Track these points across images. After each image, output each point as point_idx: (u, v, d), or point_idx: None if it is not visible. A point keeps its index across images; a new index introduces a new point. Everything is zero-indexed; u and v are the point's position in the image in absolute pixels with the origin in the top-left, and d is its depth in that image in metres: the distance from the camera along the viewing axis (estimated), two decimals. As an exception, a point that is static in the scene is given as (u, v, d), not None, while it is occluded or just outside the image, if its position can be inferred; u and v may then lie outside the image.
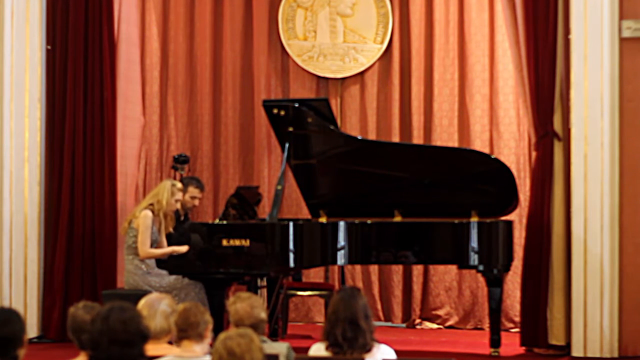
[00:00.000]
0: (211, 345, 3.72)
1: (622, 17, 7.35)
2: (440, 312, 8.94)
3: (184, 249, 7.04)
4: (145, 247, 7.25)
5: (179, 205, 7.55)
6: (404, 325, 8.97)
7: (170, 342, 4.46)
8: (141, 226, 7.25)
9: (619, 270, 7.32)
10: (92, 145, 8.09)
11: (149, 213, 7.28)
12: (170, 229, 7.38)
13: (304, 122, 7.45)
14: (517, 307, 8.01)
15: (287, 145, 7.42)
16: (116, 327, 3.25)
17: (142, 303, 4.33)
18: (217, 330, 4.13)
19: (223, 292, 7.03)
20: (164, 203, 7.30)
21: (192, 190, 7.88)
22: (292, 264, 6.98)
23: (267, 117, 7.64)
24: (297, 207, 8.97)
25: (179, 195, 7.45)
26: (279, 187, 7.21)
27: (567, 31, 7.42)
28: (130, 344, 3.25)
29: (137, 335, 3.28)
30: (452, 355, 7.27)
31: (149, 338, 3.34)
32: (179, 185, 7.51)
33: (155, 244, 7.36)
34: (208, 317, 4.08)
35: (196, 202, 7.99)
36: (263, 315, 4.24)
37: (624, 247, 7.33)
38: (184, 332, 4.01)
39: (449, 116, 8.99)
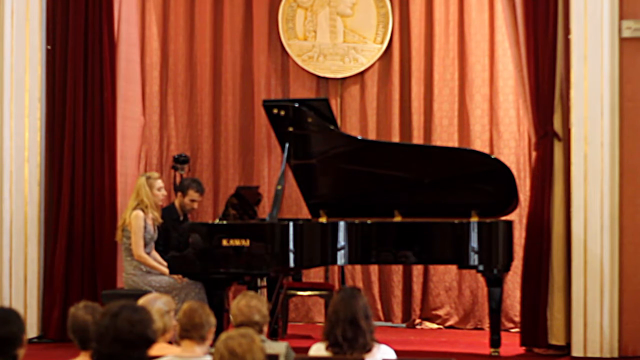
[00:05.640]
0: (212, 345, 3.72)
1: (622, 17, 7.36)
2: (440, 312, 8.94)
3: (166, 270, 7.15)
4: (139, 250, 7.27)
5: (164, 193, 7.57)
6: (404, 325, 8.97)
7: (170, 342, 4.46)
8: (133, 227, 7.27)
9: (619, 270, 7.32)
10: (92, 145, 8.09)
11: (140, 213, 7.30)
12: (159, 219, 7.42)
13: (304, 122, 7.45)
14: (517, 307, 8.01)
15: (287, 145, 7.42)
16: (123, 326, 3.25)
17: (139, 302, 4.33)
18: (217, 330, 4.12)
19: (223, 292, 7.04)
20: (145, 200, 7.33)
21: (192, 194, 7.88)
22: (292, 264, 6.98)
23: (267, 117, 7.64)
24: (297, 207, 8.97)
25: (159, 183, 7.47)
26: (279, 187, 7.21)
27: (567, 31, 7.42)
28: (133, 345, 3.25)
29: (142, 338, 3.28)
30: (452, 355, 7.27)
31: (153, 343, 3.33)
32: (155, 174, 7.57)
33: (152, 241, 7.38)
34: (213, 320, 4.07)
35: (195, 205, 7.99)
36: (257, 317, 4.23)
37: (624, 247, 7.33)
38: (187, 332, 3.99)
39: (449, 116, 8.99)
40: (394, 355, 4.29)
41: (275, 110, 7.44)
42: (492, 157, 7.68)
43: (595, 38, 7.33)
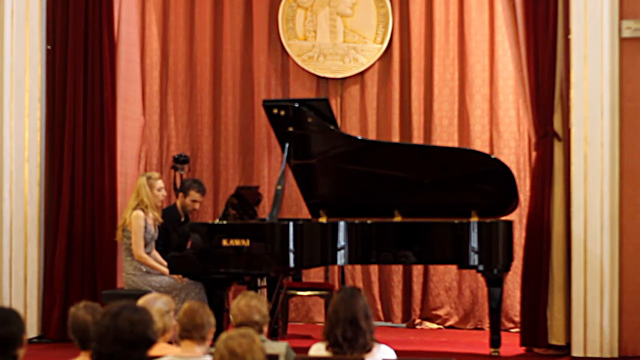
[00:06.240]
0: (212, 345, 3.72)
1: (622, 17, 7.36)
2: (440, 312, 8.94)
3: (167, 271, 7.15)
4: (139, 250, 7.27)
5: (164, 193, 7.57)
6: (404, 325, 8.97)
7: (170, 342, 4.46)
8: (134, 227, 7.27)
9: (619, 270, 7.32)
10: (92, 145, 8.09)
11: (140, 213, 7.30)
12: (160, 218, 7.42)
13: (304, 122, 7.45)
14: (517, 307, 8.01)
15: (287, 145, 7.42)
16: (124, 326, 3.25)
17: (139, 302, 4.32)
18: (217, 330, 4.12)
19: (223, 292, 7.04)
20: (146, 200, 7.33)
21: (194, 194, 7.87)
22: (292, 264, 6.98)
23: (267, 117, 7.64)
24: (297, 207, 8.97)
25: (160, 184, 7.48)
26: (279, 187, 7.21)
27: (567, 31, 7.42)
28: (133, 345, 3.25)
29: (143, 338, 3.28)
30: (452, 355, 7.27)
31: (154, 344, 3.34)
32: (155, 174, 7.56)
33: (152, 241, 7.39)
34: (213, 320, 4.07)
35: (197, 205, 7.99)
36: (257, 317, 4.22)
37: (624, 247, 7.33)
38: (188, 332, 3.99)
39: (449, 116, 8.99)
40: (394, 355, 4.29)
41: (275, 110, 7.44)
42: (492, 157, 7.68)
43: (595, 38, 7.33)
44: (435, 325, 8.91)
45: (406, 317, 9.02)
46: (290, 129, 7.44)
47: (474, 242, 7.13)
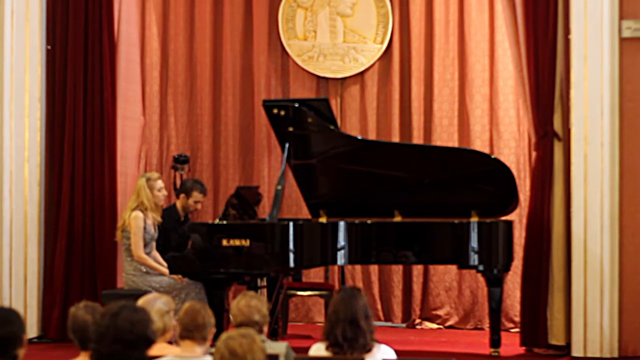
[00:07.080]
0: (212, 345, 3.72)
1: (622, 17, 7.36)
2: (440, 312, 8.94)
3: (166, 271, 7.14)
4: (139, 251, 7.27)
5: (164, 193, 7.57)
6: (404, 325, 8.97)
7: (170, 342, 4.46)
8: (133, 227, 7.27)
9: (619, 270, 7.32)
10: (92, 145, 8.09)
11: (139, 214, 7.30)
12: (159, 218, 7.41)
13: (304, 122, 7.45)
14: (517, 307, 8.01)
15: (287, 145, 7.42)
16: (124, 326, 3.25)
17: (139, 302, 4.33)
18: (217, 330, 4.12)
19: (223, 292, 7.04)
20: (145, 201, 7.33)
21: (196, 195, 7.86)
22: (292, 264, 6.98)
23: (267, 117, 7.64)
24: (297, 207, 8.97)
25: (160, 184, 7.47)
26: (279, 187, 7.21)
27: (567, 31, 7.43)
28: (133, 345, 3.25)
29: (142, 338, 3.28)
30: (452, 355, 7.28)
31: (153, 344, 3.34)
32: (155, 175, 7.56)
33: (152, 241, 7.38)
34: (214, 320, 4.07)
35: (199, 205, 7.99)
36: (257, 317, 4.23)
37: (624, 247, 7.33)
38: (189, 332, 3.99)
39: (449, 116, 8.99)
40: (394, 355, 4.29)
41: (275, 110, 7.45)
42: (492, 157, 7.68)
43: (595, 38, 7.33)
44: (435, 325, 8.91)
45: (406, 317, 9.02)
46: (290, 129, 7.44)
47: (474, 242, 7.13)
